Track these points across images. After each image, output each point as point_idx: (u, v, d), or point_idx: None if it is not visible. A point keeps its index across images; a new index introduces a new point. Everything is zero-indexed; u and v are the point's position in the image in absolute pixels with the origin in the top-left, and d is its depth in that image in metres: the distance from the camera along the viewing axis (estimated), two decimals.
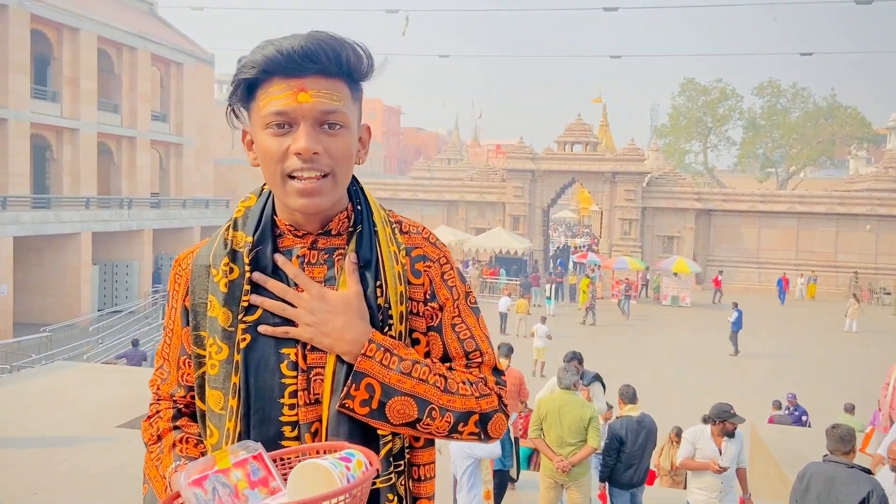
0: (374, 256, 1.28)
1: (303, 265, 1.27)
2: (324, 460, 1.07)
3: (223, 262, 1.26)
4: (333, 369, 1.23)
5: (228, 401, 1.23)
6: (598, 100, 48.09)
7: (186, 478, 1.04)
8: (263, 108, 1.19)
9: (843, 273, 32.97)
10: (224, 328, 1.24)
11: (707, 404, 6.15)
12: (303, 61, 1.16)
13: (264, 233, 1.27)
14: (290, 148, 1.18)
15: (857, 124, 47.25)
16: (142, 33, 29.21)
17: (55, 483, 6.79)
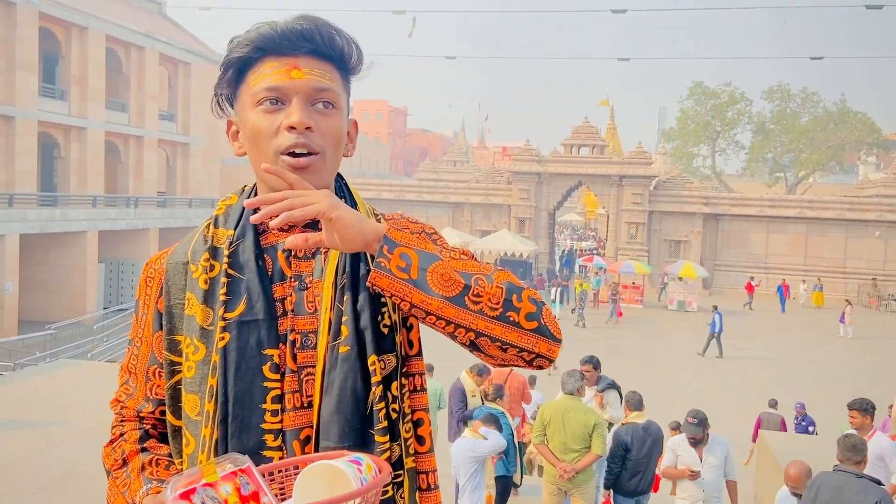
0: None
1: (289, 259, 1.21)
2: (336, 462, 1.00)
3: (203, 257, 1.21)
4: (324, 367, 1.15)
5: (205, 405, 1.15)
6: (606, 102, 47.98)
7: (172, 491, 0.96)
8: (255, 86, 1.17)
9: (851, 279, 32.76)
10: (202, 326, 1.17)
11: (707, 409, 6.08)
12: (297, 40, 1.15)
13: (245, 227, 1.22)
14: (282, 124, 1.15)
15: (867, 130, 47.03)
16: (150, 33, 29.28)
17: (56, 483, 6.75)
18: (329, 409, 1.14)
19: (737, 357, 19.58)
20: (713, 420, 8.04)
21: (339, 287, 1.18)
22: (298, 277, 1.21)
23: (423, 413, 1.25)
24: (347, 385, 1.14)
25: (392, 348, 1.19)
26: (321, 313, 1.18)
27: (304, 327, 1.18)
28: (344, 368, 1.14)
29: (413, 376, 1.24)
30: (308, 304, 1.19)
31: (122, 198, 27.49)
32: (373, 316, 1.17)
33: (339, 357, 1.15)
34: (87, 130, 26.10)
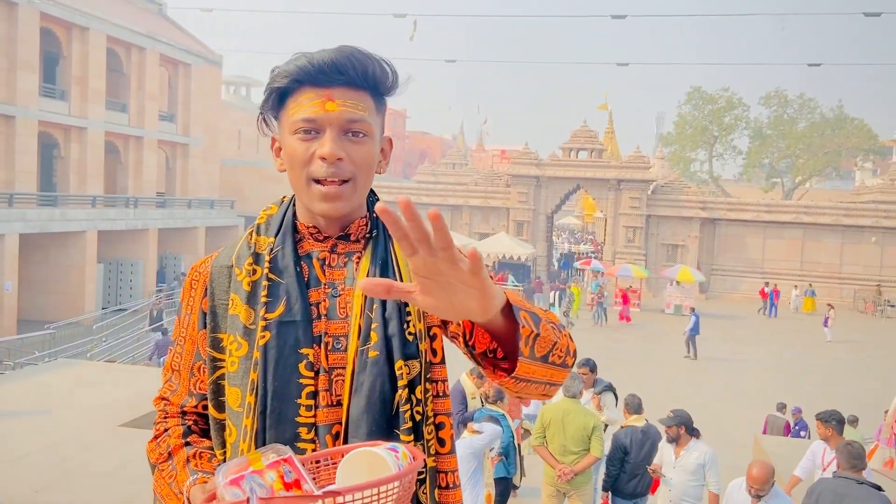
0: (390, 256, 1.32)
1: (323, 267, 1.31)
2: (376, 449, 1.09)
3: (247, 262, 1.31)
4: (353, 369, 1.25)
5: (246, 397, 1.25)
6: (604, 107, 48.13)
7: (223, 477, 1.05)
8: (293, 115, 1.26)
9: (847, 285, 32.90)
10: (245, 325, 1.27)
11: (704, 413, 6.15)
12: (331, 72, 1.23)
13: (285, 235, 1.32)
14: (315, 153, 1.24)
15: (863, 136, 47.21)
16: (151, 33, 29.34)
17: (57, 481, 6.79)
18: (358, 409, 1.23)
19: (730, 360, 19.70)
20: (711, 424, 8.13)
21: (369, 296, 1.25)
22: (331, 285, 1.30)
23: (445, 417, 1.33)
24: (376, 387, 1.23)
25: (416, 355, 1.28)
26: (351, 319, 1.27)
27: (335, 331, 1.27)
28: (373, 372, 1.23)
29: (436, 382, 1.33)
30: (340, 310, 1.29)
31: (122, 198, 27.52)
32: (400, 324, 1.26)
33: (369, 361, 1.24)
34: (87, 130, 26.13)
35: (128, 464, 7.36)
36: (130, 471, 7.18)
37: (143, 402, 9.41)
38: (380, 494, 1.02)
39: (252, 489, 1.03)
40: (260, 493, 1.03)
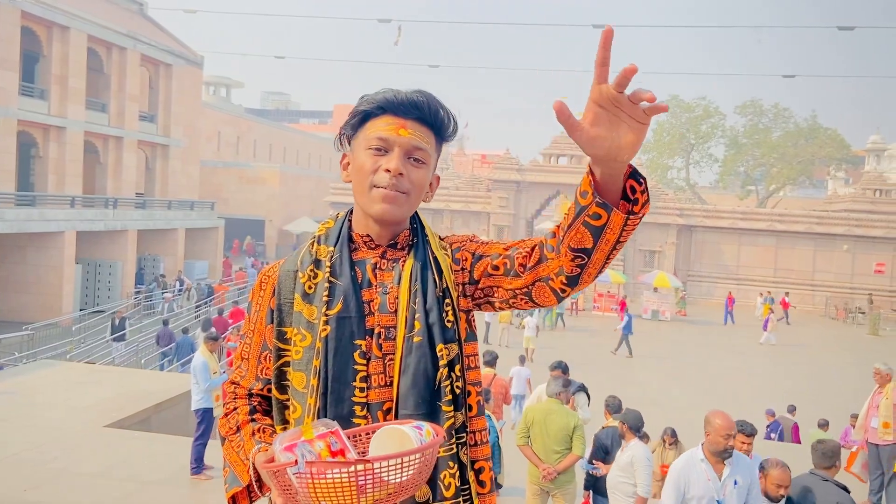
0: (428, 259, 1.55)
1: (375, 271, 1.54)
2: (402, 426, 1.32)
3: (309, 268, 1.55)
4: (401, 354, 1.47)
5: (310, 380, 1.47)
6: None
7: (280, 444, 1.27)
8: (370, 134, 1.51)
9: (819, 292, 33.55)
10: (308, 320, 1.50)
11: (680, 416, 6.31)
12: (410, 107, 1.50)
13: (342, 245, 1.56)
14: (382, 166, 1.49)
15: (836, 146, 48.16)
16: (132, 33, 29.16)
17: (45, 482, 6.83)
18: (406, 386, 1.46)
19: (653, 358, 20.06)
20: (686, 426, 8.36)
21: (413, 291, 1.51)
22: (382, 285, 1.53)
23: (472, 386, 1.57)
24: (420, 367, 1.46)
25: (454, 339, 1.52)
26: (399, 312, 1.50)
27: (387, 323, 1.50)
28: (418, 354, 1.47)
29: (469, 357, 1.57)
30: (390, 305, 1.51)
31: (101, 199, 27.27)
32: (439, 313, 1.50)
33: (414, 345, 1.47)
34: (66, 130, 25.90)
35: (114, 465, 7.43)
36: (117, 471, 7.24)
37: (126, 402, 9.45)
38: (403, 463, 1.23)
39: (302, 454, 1.24)
40: (308, 458, 1.24)
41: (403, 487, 1.26)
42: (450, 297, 1.52)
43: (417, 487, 1.30)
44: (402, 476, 1.24)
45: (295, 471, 1.22)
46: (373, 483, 1.23)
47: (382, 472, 1.23)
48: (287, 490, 1.26)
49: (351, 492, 1.22)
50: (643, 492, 5.60)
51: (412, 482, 1.27)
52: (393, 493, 1.26)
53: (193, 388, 7.59)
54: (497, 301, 1.54)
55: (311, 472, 1.21)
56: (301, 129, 65.82)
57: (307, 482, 1.22)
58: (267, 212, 43.34)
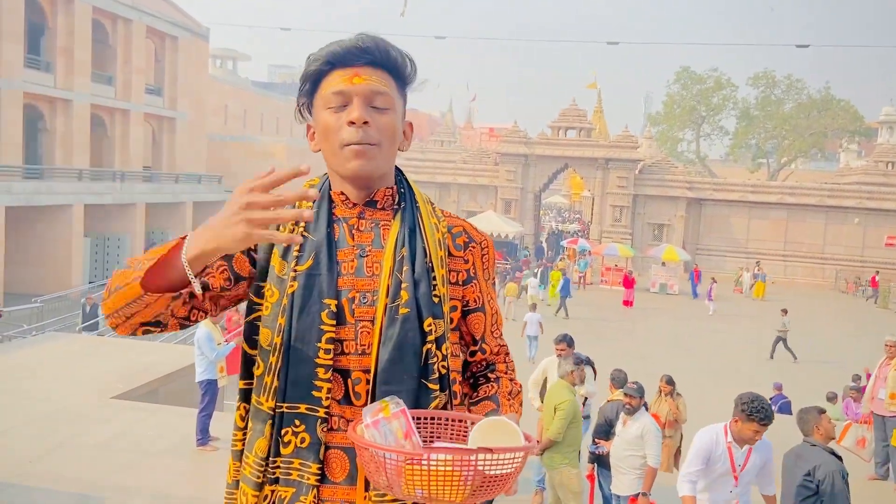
0: (417, 225, 1.48)
1: (352, 231, 1.47)
2: (510, 421, 1.26)
3: (290, 224, 1.44)
4: (383, 324, 1.39)
5: (274, 338, 1.40)
6: (594, 85, 48.07)
7: (370, 418, 1.22)
8: (325, 92, 1.43)
9: (829, 265, 33.35)
10: (279, 276, 1.43)
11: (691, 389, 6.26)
12: (358, 52, 1.42)
13: (321, 200, 1.48)
14: (345, 120, 1.40)
15: (849, 117, 47.54)
16: (137, 5, 28.93)
17: (50, 452, 6.88)
18: (387, 358, 1.37)
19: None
20: (693, 403, 8.32)
21: (399, 258, 1.43)
22: (360, 247, 1.45)
23: (456, 374, 1.51)
24: (407, 340, 1.38)
25: (441, 315, 1.44)
26: (381, 279, 1.42)
27: (362, 287, 1.42)
28: (405, 327, 1.39)
29: (453, 344, 1.50)
30: (367, 269, 1.44)
31: (108, 172, 27.30)
32: (428, 286, 1.42)
33: (400, 317, 1.39)
34: (72, 103, 25.83)
35: (121, 434, 7.48)
36: (123, 442, 7.29)
37: (133, 374, 9.50)
38: (514, 458, 1.18)
39: (384, 434, 1.19)
40: (389, 437, 1.19)
41: (499, 483, 1.20)
42: (435, 271, 1.45)
43: (508, 488, 1.23)
44: (502, 470, 1.18)
45: (386, 459, 1.15)
46: (474, 475, 1.16)
47: (486, 467, 1.16)
48: (368, 465, 1.21)
49: (456, 482, 1.15)
50: (654, 462, 5.58)
51: (507, 480, 1.20)
52: (488, 487, 1.19)
53: (197, 360, 7.61)
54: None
55: (421, 460, 1.14)
56: None
57: (409, 468, 1.15)
58: None
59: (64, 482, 6.23)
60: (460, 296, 1.51)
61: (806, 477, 4.32)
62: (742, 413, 4.21)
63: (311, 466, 1.37)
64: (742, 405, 4.22)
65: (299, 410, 1.38)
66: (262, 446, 1.40)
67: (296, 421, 1.38)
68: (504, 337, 1.64)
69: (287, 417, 1.38)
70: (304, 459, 1.37)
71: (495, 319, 1.58)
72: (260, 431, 1.40)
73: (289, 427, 1.38)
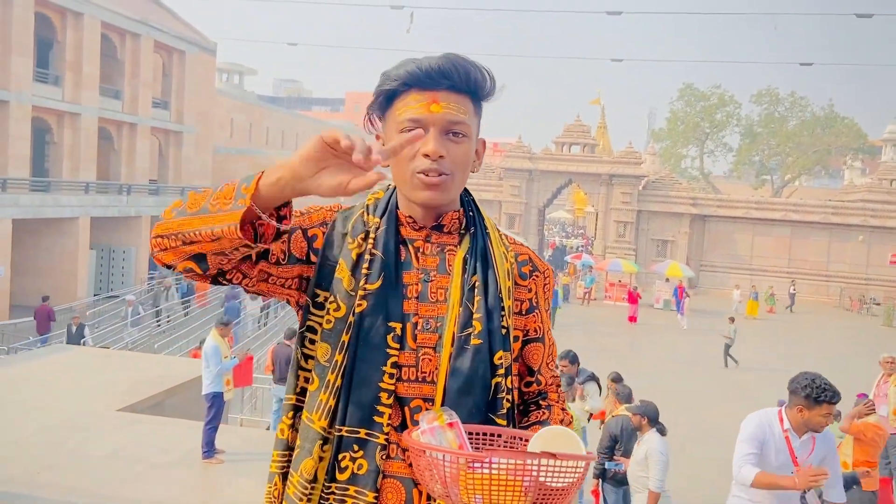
0: (488, 253, 1.44)
1: (417, 255, 1.42)
2: (572, 431, 1.23)
3: (360, 236, 1.42)
4: (450, 353, 1.35)
5: (335, 355, 1.35)
6: (597, 101, 48.18)
7: (427, 424, 1.19)
8: (400, 115, 1.37)
9: (833, 283, 33.27)
10: (346, 290, 1.37)
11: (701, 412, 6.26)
12: (437, 77, 1.35)
13: (388, 218, 1.44)
14: (420, 150, 1.35)
15: (853, 135, 47.61)
16: (145, 20, 29.21)
17: (57, 464, 6.90)
18: (455, 389, 1.33)
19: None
20: (707, 423, 8.31)
21: (469, 286, 1.39)
22: (424, 271, 1.41)
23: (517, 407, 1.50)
24: (478, 373, 1.34)
25: (509, 348, 1.41)
26: (450, 307, 1.38)
27: (426, 313, 1.38)
28: (476, 359, 1.34)
29: (516, 376, 1.49)
30: (431, 295, 1.39)
31: (115, 185, 27.44)
32: (499, 318, 1.39)
33: (471, 349, 1.35)
34: (80, 116, 26.03)
35: (126, 446, 7.50)
36: (129, 453, 7.31)
37: (139, 387, 9.53)
38: (577, 468, 1.14)
39: (439, 441, 1.17)
40: (445, 446, 1.17)
41: (558, 496, 1.15)
42: (503, 301, 1.41)
43: (566, 502, 1.18)
44: (563, 482, 1.13)
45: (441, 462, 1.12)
46: (535, 484, 1.12)
47: (548, 476, 1.12)
48: (423, 473, 1.18)
49: (517, 490, 1.11)
50: (654, 486, 5.50)
51: (567, 494, 1.15)
52: (548, 499, 1.14)
53: (204, 373, 7.64)
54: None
55: (483, 464, 1.11)
56: (313, 116, 65.84)
57: (468, 474, 1.10)
58: None
59: (71, 494, 6.25)
60: (522, 325, 1.48)
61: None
62: (806, 399, 3.64)
63: (368, 495, 1.31)
64: (804, 389, 3.66)
65: (359, 435, 1.32)
66: (308, 467, 1.34)
67: (354, 446, 1.32)
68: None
69: (346, 442, 1.33)
70: (361, 487, 1.32)
71: (551, 351, 1.55)
72: (308, 451, 1.35)
73: (347, 452, 1.32)
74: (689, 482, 8.93)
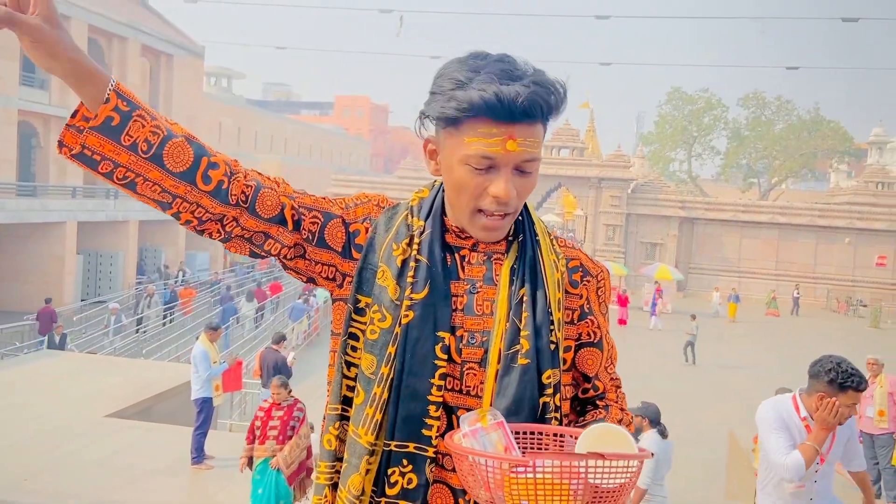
0: (538, 263, 1.35)
1: (463, 263, 1.34)
2: (621, 428, 1.17)
3: (404, 241, 1.33)
4: (497, 371, 1.28)
5: (381, 367, 1.28)
6: (586, 105, 48.31)
7: (468, 426, 1.14)
8: (470, 146, 1.22)
9: (821, 284, 33.53)
10: (392, 299, 1.30)
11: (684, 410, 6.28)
12: (518, 113, 1.19)
13: (434, 223, 1.35)
14: (488, 188, 1.24)
15: (839, 138, 48.06)
16: (133, 23, 29.08)
17: (45, 470, 6.86)
18: (502, 409, 1.25)
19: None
20: (690, 422, 8.37)
21: (517, 300, 1.31)
22: (470, 281, 1.33)
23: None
24: (526, 394, 1.27)
25: (559, 364, 1.33)
26: (496, 322, 1.30)
27: (471, 326, 1.31)
28: (524, 379, 1.27)
29: (567, 386, 1.42)
30: (477, 307, 1.31)
31: (102, 189, 27.27)
32: (547, 334, 1.30)
33: (518, 367, 1.27)
34: (66, 120, 25.83)
35: (114, 453, 7.46)
36: (117, 460, 7.27)
37: (127, 392, 9.48)
38: (628, 467, 1.08)
39: (483, 445, 1.12)
40: (489, 450, 1.12)
41: (611, 498, 1.09)
42: (553, 315, 1.32)
43: (622, 501, 1.12)
44: (614, 482, 1.08)
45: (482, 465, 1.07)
46: (584, 486, 1.06)
47: (597, 477, 1.06)
48: (466, 478, 1.13)
49: (565, 492, 1.06)
50: (640, 481, 5.55)
51: (620, 495, 1.10)
52: (599, 501, 1.09)
53: (193, 378, 7.61)
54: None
55: (527, 468, 1.06)
56: (302, 120, 65.74)
57: (513, 479, 1.06)
58: None
59: (60, 500, 6.21)
60: (574, 334, 1.39)
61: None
62: (830, 384, 3.30)
63: None
64: (827, 374, 3.32)
65: (408, 450, 1.27)
66: (356, 483, 1.27)
67: (404, 461, 1.27)
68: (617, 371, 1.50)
69: (395, 457, 1.27)
70: (412, 501, 1.27)
71: (611, 354, 1.45)
72: (355, 466, 1.28)
73: (396, 467, 1.27)
74: (686, 483, 8.97)
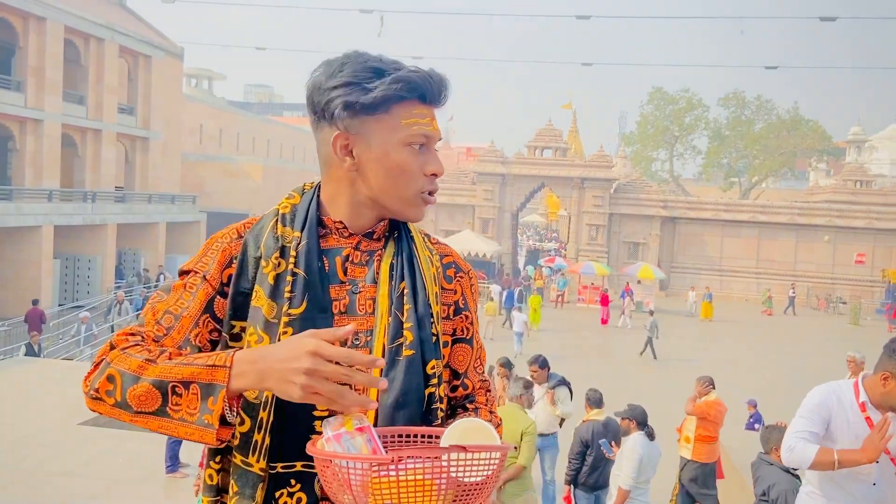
0: (414, 257, 1.35)
1: (345, 265, 1.32)
2: (486, 423, 1.17)
3: (274, 255, 1.28)
4: (380, 373, 1.25)
5: (263, 391, 1.21)
6: (569, 106, 48.63)
7: (331, 431, 1.11)
8: (409, 127, 1.27)
9: (801, 282, 33.84)
10: (267, 319, 1.25)
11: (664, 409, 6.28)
12: (440, 95, 1.30)
13: (310, 230, 1.31)
14: (427, 169, 1.31)
15: (818, 137, 48.53)
16: (110, 24, 28.73)
17: (18, 479, 6.71)
18: (389, 404, 1.24)
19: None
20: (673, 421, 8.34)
21: (397, 294, 1.30)
22: (352, 282, 1.31)
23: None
24: (412, 385, 1.26)
25: (440, 355, 1.33)
26: (378, 318, 1.29)
27: (356, 327, 1.26)
28: (409, 370, 1.26)
29: (446, 382, 1.41)
30: (359, 307, 1.30)
31: (79, 192, 26.93)
32: (429, 325, 1.31)
33: (403, 360, 1.26)
34: (43, 123, 25.50)
35: (87, 462, 7.30)
36: (92, 469, 7.12)
37: None
38: (491, 459, 1.08)
39: (347, 448, 1.09)
40: (354, 453, 1.09)
41: (475, 491, 1.09)
42: (432, 307, 1.33)
43: (486, 497, 1.11)
44: (478, 476, 1.07)
45: (355, 466, 1.05)
46: (448, 481, 1.06)
47: (460, 471, 1.06)
48: (331, 484, 1.10)
49: (429, 490, 1.05)
50: (623, 483, 5.52)
51: (484, 488, 1.09)
52: (465, 497, 1.09)
53: None
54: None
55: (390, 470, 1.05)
56: (284, 121, 65.42)
57: (379, 479, 1.04)
58: (250, 206, 42.95)
59: None
60: (450, 330, 1.40)
61: (762, 497, 4.30)
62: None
63: None
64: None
65: (295, 469, 1.23)
66: None
67: (291, 481, 1.23)
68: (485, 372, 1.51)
69: (282, 478, 1.23)
70: None
71: (479, 354, 1.46)
72: (250, 497, 1.22)
73: (283, 489, 1.23)
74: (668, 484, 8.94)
